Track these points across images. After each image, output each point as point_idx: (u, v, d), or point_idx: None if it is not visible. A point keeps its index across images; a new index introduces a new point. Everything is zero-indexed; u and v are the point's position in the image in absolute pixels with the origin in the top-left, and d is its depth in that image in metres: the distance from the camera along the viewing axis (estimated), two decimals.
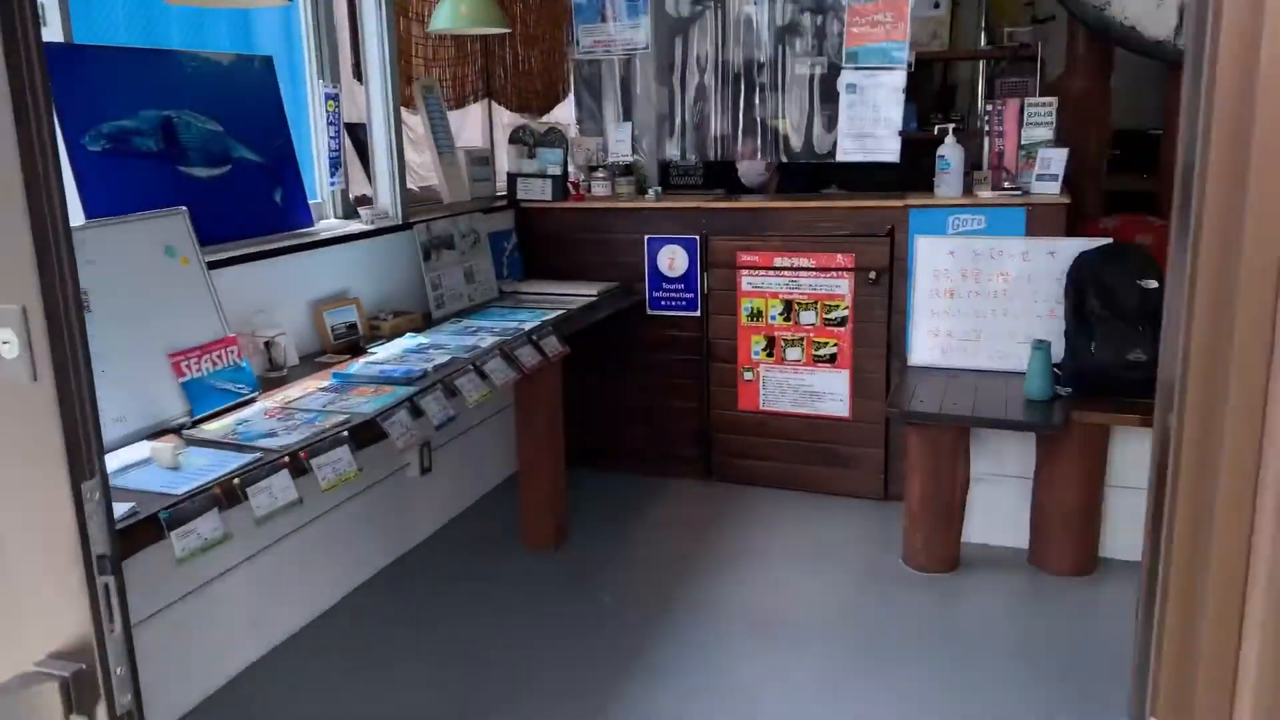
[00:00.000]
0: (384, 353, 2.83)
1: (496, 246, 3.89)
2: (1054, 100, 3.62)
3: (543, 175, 3.97)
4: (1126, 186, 5.23)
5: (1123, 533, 3.16)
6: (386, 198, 3.35)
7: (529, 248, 4.05)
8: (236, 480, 1.84)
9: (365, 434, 2.16)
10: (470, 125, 4.11)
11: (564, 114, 4.60)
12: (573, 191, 3.97)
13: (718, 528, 3.56)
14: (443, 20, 3.38)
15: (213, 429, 2.17)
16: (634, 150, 4.06)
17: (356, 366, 2.65)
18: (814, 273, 3.67)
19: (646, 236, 3.87)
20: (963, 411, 3.02)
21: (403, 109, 3.39)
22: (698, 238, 3.80)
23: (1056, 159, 3.43)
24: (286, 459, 1.95)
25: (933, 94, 6.17)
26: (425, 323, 3.27)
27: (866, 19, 3.55)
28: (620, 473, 4.09)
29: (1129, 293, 3.13)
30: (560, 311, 3.42)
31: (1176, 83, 4.38)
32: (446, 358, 2.75)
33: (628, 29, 3.93)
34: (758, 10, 3.79)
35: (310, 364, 2.77)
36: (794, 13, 3.76)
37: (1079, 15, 3.65)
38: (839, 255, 3.63)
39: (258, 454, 1.97)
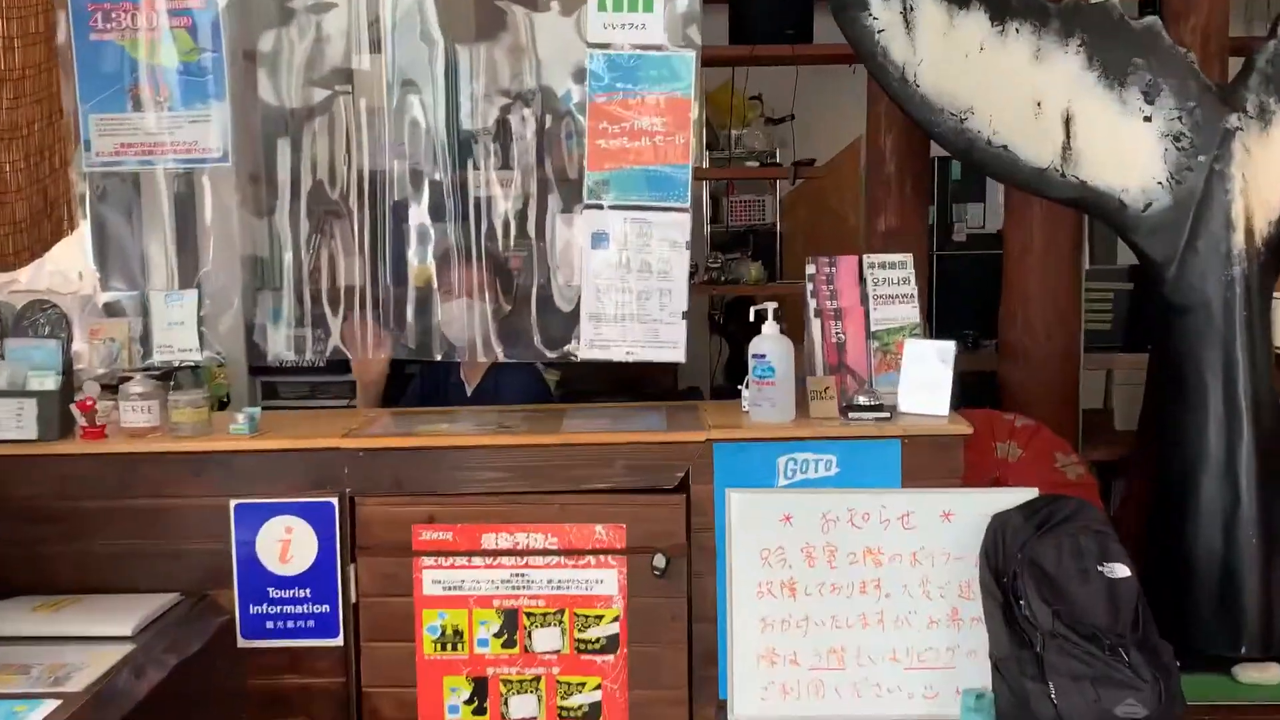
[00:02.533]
0: None
1: None
2: (908, 258, 3.04)
3: (20, 393, 2.74)
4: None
5: None
6: None
7: None
8: None
9: None
10: None
11: (74, 261, 3.35)
12: (83, 422, 2.81)
13: None
14: None
15: None
16: (205, 344, 2.94)
17: None
18: (556, 559, 2.84)
19: (235, 503, 2.86)
20: None
21: None
22: (334, 501, 2.82)
23: (939, 355, 2.82)
24: None
25: None
26: None
27: (622, 126, 2.81)
28: None
29: (1090, 589, 2.57)
30: (55, 699, 2.18)
31: (1022, 216, 4.08)
32: None
33: (186, 123, 2.87)
34: (430, 102, 2.88)
35: None
36: (491, 108, 2.89)
37: (929, 128, 3.13)
38: (599, 527, 2.83)
39: None
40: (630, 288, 2.87)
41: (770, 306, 2.83)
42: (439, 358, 3.07)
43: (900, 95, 3.08)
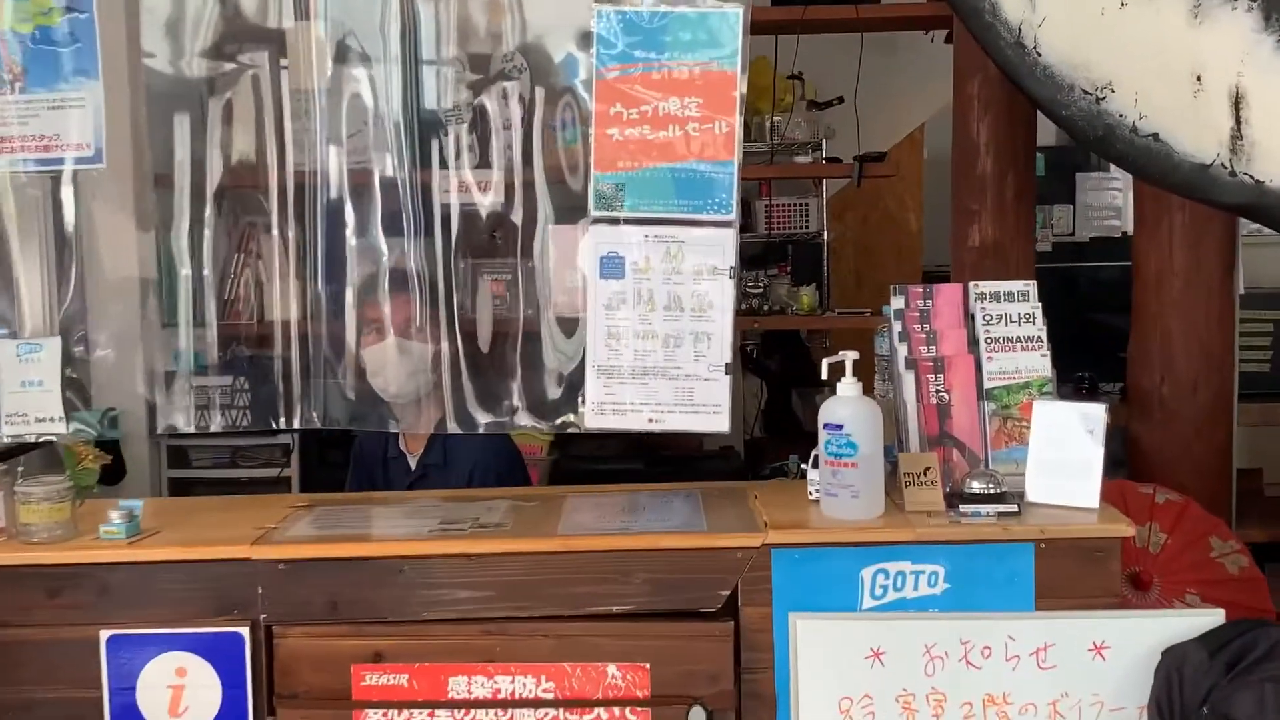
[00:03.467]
0: None
1: None
2: (1030, 286, 2.55)
3: None
4: None
5: None
6: None
7: None
8: None
9: None
10: None
11: None
12: None
13: None
14: None
15: None
16: (75, 408, 2.45)
17: None
18: (553, 711, 2.30)
19: (107, 635, 2.33)
20: None
21: None
22: (244, 632, 2.31)
23: (1083, 423, 2.31)
24: None
25: None
26: None
27: (642, 110, 2.29)
28: None
29: None
30: None
31: (1157, 227, 3.59)
32: None
33: (46, 110, 2.36)
34: (378, 78, 2.37)
35: None
36: (461, 86, 2.39)
37: (1054, 110, 2.63)
38: (612, 667, 2.33)
39: None
40: (654, 331, 2.34)
41: (849, 357, 2.31)
42: (396, 429, 2.55)
43: (1015, 66, 2.62)
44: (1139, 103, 2.62)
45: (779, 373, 5.77)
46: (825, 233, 5.91)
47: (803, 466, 2.46)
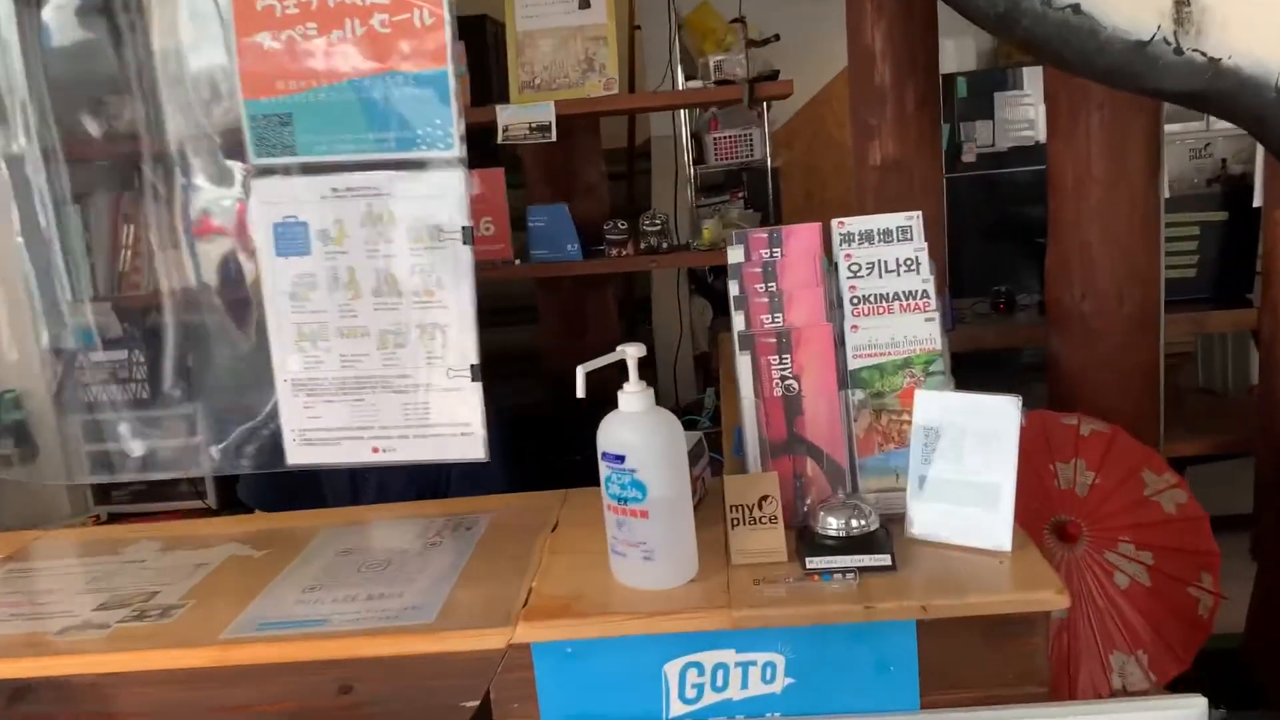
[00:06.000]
0: None
1: None
2: (914, 218, 1.31)
3: None
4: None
5: None
6: None
7: None
8: None
9: None
10: None
11: None
12: None
13: None
14: None
15: None
16: None
17: None
18: None
19: None
20: None
21: None
22: None
23: (989, 420, 1.07)
24: None
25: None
26: None
27: (303, 2, 1.05)
28: None
29: None
30: None
31: (1073, 131, 2.33)
32: None
33: None
34: None
35: None
36: None
37: None
38: None
39: None
40: (363, 326, 1.17)
41: (632, 355, 1.11)
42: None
43: None
44: None
45: (725, 294, 4.58)
46: (769, 160, 4.71)
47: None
